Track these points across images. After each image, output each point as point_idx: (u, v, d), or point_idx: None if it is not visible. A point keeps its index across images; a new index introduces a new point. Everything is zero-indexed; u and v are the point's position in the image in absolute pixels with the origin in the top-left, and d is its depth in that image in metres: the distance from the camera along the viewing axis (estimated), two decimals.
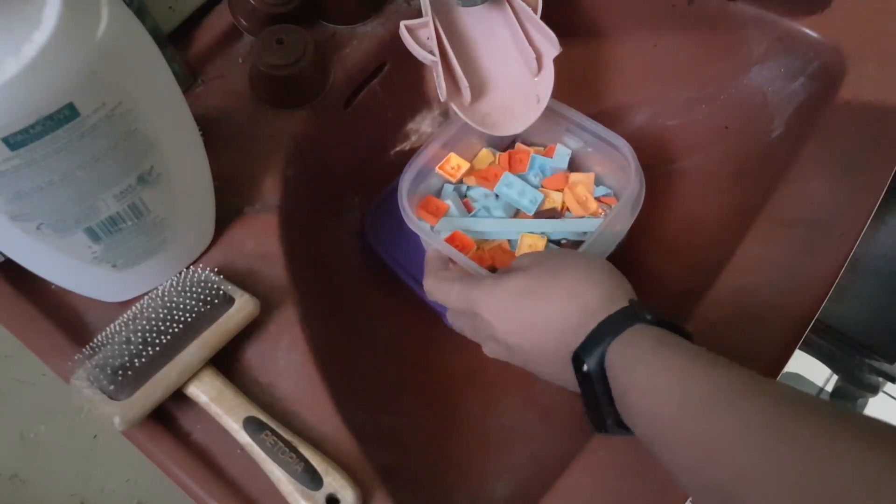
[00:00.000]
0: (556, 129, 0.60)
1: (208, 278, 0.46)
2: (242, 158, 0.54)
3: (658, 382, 0.36)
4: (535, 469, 0.50)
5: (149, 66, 0.40)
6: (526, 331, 0.43)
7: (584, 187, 0.58)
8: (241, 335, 0.47)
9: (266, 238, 0.51)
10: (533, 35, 0.53)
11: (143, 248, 0.45)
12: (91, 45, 0.34)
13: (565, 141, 0.61)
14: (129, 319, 0.45)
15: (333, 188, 0.62)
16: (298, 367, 0.47)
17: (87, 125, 0.36)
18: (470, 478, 0.51)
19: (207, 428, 0.45)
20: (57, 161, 0.36)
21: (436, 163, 0.59)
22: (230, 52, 0.58)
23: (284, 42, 0.54)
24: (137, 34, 0.39)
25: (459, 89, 0.52)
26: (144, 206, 0.43)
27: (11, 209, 0.38)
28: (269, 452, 0.43)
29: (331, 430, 0.45)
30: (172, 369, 0.44)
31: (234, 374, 0.46)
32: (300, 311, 0.49)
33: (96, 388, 0.43)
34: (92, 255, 0.43)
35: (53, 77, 0.33)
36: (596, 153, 0.59)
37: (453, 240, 0.56)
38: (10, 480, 0.57)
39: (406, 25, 0.52)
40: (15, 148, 0.34)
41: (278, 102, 0.56)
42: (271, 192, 0.53)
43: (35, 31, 0.33)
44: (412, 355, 0.60)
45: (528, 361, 0.45)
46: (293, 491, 0.42)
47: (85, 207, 0.40)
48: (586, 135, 0.58)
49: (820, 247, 0.51)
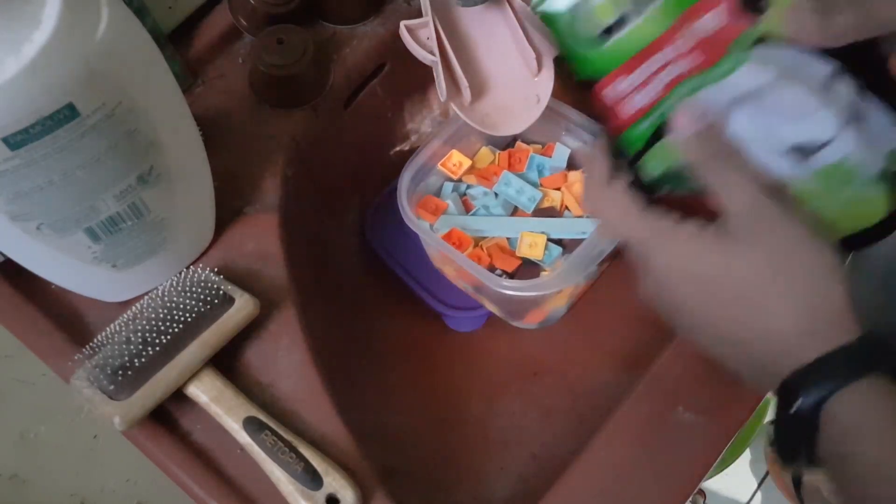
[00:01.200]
0: (555, 128, 0.60)
1: (208, 278, 0.46)
2: (242, 158, 0.54)
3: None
4: (535, 469, 0.50)
5: (149, 66, 0.40)
6: (731, 319, 0.36)
7: (583, 186, 0.58)
8: (241, 335, 0.47)
9: (266, 238, 0.51)
10: (533, 35, 0.53)
11: (143, 248, 0.45)
12: (91, 45, 0.34)
13: (564, 140, 0.61)
14: (129, 319, 0.45)
15: (333, 188, 0.62)
16: (298, 366, 0.47)
17: (86, 125, 0.36)
18: (470, 478, 0.51)
19: (207, 428, 0.45)
20: (57, 161, 0.36)
21: (436, 161, 0.59)
22: (230, 52, 0.58)
23: (284, 42, 0.54)
24: (137, 34, 0.39)
25: (459, 89, 0.52)
26: (144, 206, 0.43)
27: (11, 209, 0.38)
28: (269, 452, 0.43)
29: (331, 430, 0.45)
30: (172, 369, 0.44)
31: (234, 374, 0.46)
32: (300, 311, 0.49)
33: (96, 388, 0.43)
34: (92, 255, 0.43)
35: (53, 77, 0.33)
36: None
37: (450, 237, 0.56)
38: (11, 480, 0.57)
39: (406, 25, 0.52)
40: (15, 148, 0.34)
41: (278, 102, 0.56)
42: (271, 192, 0.53)
43: (35, 31, 0.33)
44: (412, 355, 0.60)
45: (694, 329, 0.38)
46: (293, 491, 0.42)
47: (85, 207, 0.40)
48: (585, 134, 0.58)
49: None
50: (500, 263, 0.55)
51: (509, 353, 0.60)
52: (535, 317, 0.59)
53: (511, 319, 0.59)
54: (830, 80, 0.40)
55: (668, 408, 0.46)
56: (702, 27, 0.41)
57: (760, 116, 0.40)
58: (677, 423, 0.46)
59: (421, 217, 0.57)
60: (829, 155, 0.40)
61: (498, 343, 0.61)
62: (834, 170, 0.40)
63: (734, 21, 0.41)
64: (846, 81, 0.40)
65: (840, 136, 0.40)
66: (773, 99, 0.40)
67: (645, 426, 0.46)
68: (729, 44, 0.41)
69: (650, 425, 0.46)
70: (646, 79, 0.42)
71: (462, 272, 0.57)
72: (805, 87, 0.40)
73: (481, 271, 0.52)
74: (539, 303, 0.57)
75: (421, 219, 0.57)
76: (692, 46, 0.41)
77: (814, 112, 0.40)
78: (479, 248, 0.56)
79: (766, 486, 1.15)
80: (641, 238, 0.39)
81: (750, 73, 0.40)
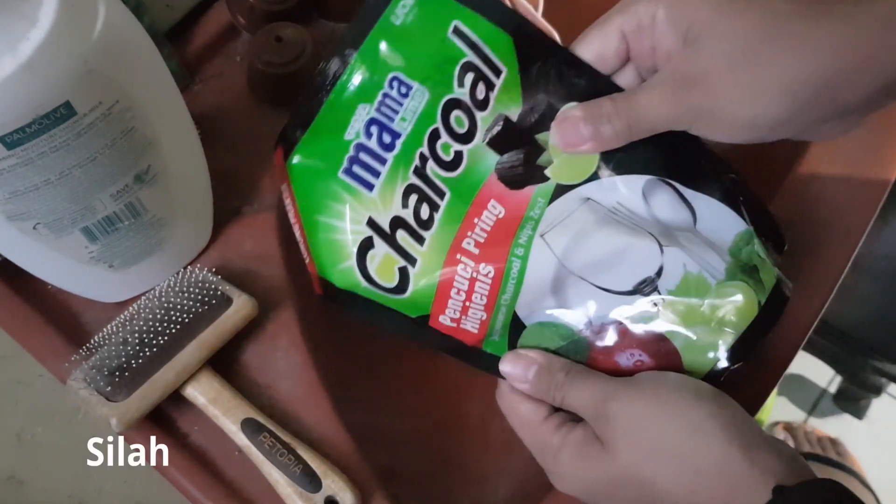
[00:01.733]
0: None
1: (206, 278, 0.46)
2: (240, 157, 0.54)
3: None
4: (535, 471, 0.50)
5: (146, 64, 0.40)
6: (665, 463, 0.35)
7: None
8: (239, 336, 0.46)
9: (264, 238, 0.51)
10: None
11: (141, 248, 0.45)
12: (88, 44, 0.34)
13: None
14: (126, 320, 0.45)
15: None
16: (297, 368, 0.47)
17: (83, 124, 0.35)
18: (470, 480, 0.51)
19: (205, 429, 0.45)
20: (53, 160, 0.36)
21: None
22: (228, 51, 0.58)
23: (283, 40, 0.54)
24: (135, 32, 0.38)
25: None
26: (141, 206, 0.42)
27: (7, 208, 0.37)
28: (267, 454, 0.42)
29: (330, 432, 0.45)
30: (170, 370, 0.43)
31: (233, 376, 0.46)
32: (299, 312, 0.49)
33: (93, 389, 0.42)
34: (89, 255, 0.43)
35: (50, 75, 0.33)
36: None
37: None
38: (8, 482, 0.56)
39: None
40: (11, 147, 0.34)
41: (277, 101, 0.56)
42: (269, 192, 0.53)
43: (32, 29, 0.33)
44: (412, 356, 0.60)
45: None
46: (292, 493, 0.42)
47: (81, 207, 0.39)
48: None
49: (824, 247, 0.50)
50: None
51: None
52: None
53: None
54: (646, 193, 0.40)
55: None
56: (479, 235, 0.40)
57: (584, 284, 0.40)
58: None
59: None
60: (669, 280, 0.39)
61: None
62: (684, 287, 0.39)
63: (511, 205, 0.40)
64: (661, 188, 0.40)
65: (668, 256, 0.39)
66: (587, 258, 0.39)
67: None
68: (518, 224, 0.40)
69: None
70: (462, 305, 0.40)
71: None
72: (607, 231, 0.39)
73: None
74: None
75: None
76: (482, 251, 0.39)
77: (629, 250, 0.39)
78: None
79: None
80: (534, 450, 0.41)
81: (543, 257, 0.39)
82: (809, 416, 1.20)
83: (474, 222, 0.40)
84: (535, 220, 0.40)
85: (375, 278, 0.39)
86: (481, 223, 0.40)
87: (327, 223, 0.39)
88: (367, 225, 0.39)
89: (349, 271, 0.39)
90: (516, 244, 0.39)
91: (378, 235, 0.39)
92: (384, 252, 0.39)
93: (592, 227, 0.39)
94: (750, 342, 0.40)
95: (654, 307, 0.39)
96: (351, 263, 0.39)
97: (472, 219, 0.40)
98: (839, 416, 1.18)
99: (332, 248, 0.39)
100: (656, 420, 0.36)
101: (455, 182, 0.39)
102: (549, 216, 0.40)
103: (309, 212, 0.39)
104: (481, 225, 0.40)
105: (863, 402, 1.15)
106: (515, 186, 0.40)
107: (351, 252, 0.39)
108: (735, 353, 0.40)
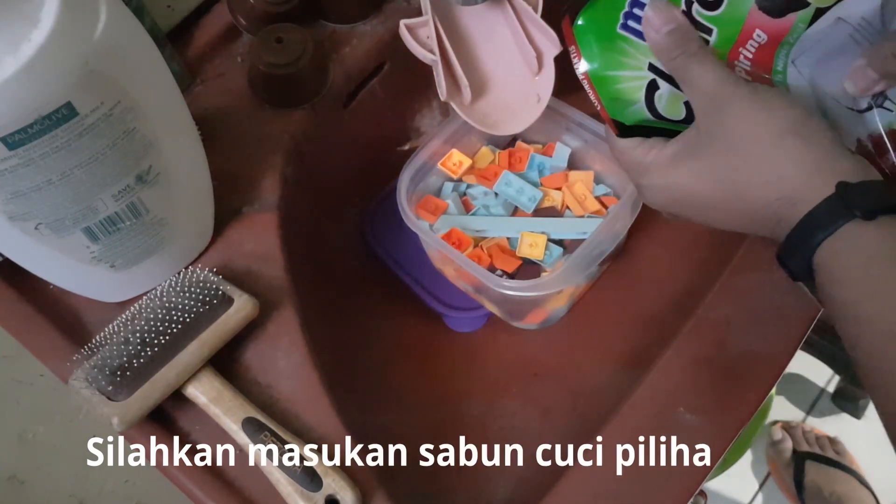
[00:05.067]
0: (555, 128, 0.60)
1: (207, 278, 0.46)
2: (241, 158, 0.54)
3: (877, 312, 0.33)
4: (535, 470, 0.50)
5: (147, 65, 0.40)
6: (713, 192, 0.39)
7: (583, 185, 0.58)
8: (240, 336, 0.47)
9: (265, 238, 0.51)
10: (533, 34, 0.53)
11: (142, 248, 0.45)
12: (89, 44, 0.34)
13: (565, 139, 0.61)
14: (127, 320, 0.45)
15: (333, 187, 0.62)
16: (298, 367, 0.47)
17: (85, 124, 0.36)
18: (470, 479, 0.51)
19: (206, 429, 0.45)
20: (55, 160, 0.36)
21: (436, 160, 0.59)
22: (229, 52, 0.58)
23: (283, 41, 0.54)
24: (136, 33, 0.38)
25: (459, 88, 0.52)
26: (143, 206, 0.42)
27: (10, 209, 0.38)
28: (268, 453, 0.42)
29: (330, 431, 0.45)
30: (171, 370, 0.43)
31: (233, 375, 0.46)
32: (299, 312, 0.49)
33: (95, 388, 0.42)
34: (90, 255, 0.43)
35: (52, 76, 0.33)
36: (596, 152, 0.59)
37: (450, 237, 0.56)
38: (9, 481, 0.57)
39: (406, 24, 0.51)
40: (13, 147, 0.34)
41: (277, 102, 0.56)
42: (270, 192, 0.53)
43: (33, 30, 0.33)
44: (412, 355, 0.60)
45: (681, 220, 0.43)
46: (292, 492, 0.42)
47: (83, 207, 0.40)
48: (586, 133, 0.58)
49: None
50: (501, 264, 0.55)
51: (509, 353, 0.60)
52: (535, 317, 0.59)
53: (511, 320, 0.59)
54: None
55: (668, 409, 0.46)
56: (744, 63, 0.42)
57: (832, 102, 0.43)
58: (678, 424, 0.46)
59: (421, 217, 0.57)
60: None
61: (498, 344, 0.60)
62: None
63: (773, 32, 0.42)
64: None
65: None
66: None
67: (646, 427, 0.45)
68: (775, 49, 0.42)
69: (651, 426, 0.45)
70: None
71: (462, 272, 0.57)
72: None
73: (481, 271, 0.51)
74: (539, 303, 0.57)
75: (421, 219, 0.57)
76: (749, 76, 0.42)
77: None
78: (479, 249, 0.56)
79: (767, 487, 1.15)
80: (629, 170, 0.44)
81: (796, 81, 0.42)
82: (808, 415, 1.20)
83: (739, 51, 0.42)
84: (790, 44, 0.42)
85: (665, 114, 0.43)
86: (745, 51, 0.42)
87: (613, 74, 0.43)
88: (649, 70, 0.43)
89: (639, 112, 0.43)
90: (775, 71, 0.42)
91: (660, 77, 0.43)
92: (668, 90, 0.43)
93: (837, 51, 0.41)
94: None
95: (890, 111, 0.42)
96: (640, 106, 0.43)
97: (738, 48, 0.42)
98: (838, 415, 1.18)
99: (620, 95, 0.43)
100: (768, 134, 0.37)
101: (719, 20, 0.42)
102: (804, 41, 0.42)
103: (595, 65, 0.43)
104: (744, 53, 0.42)
105: (861, 402, 1.15)
106: (777, 15, 0.42)
107: (639, 96, 0.43)
108: None
